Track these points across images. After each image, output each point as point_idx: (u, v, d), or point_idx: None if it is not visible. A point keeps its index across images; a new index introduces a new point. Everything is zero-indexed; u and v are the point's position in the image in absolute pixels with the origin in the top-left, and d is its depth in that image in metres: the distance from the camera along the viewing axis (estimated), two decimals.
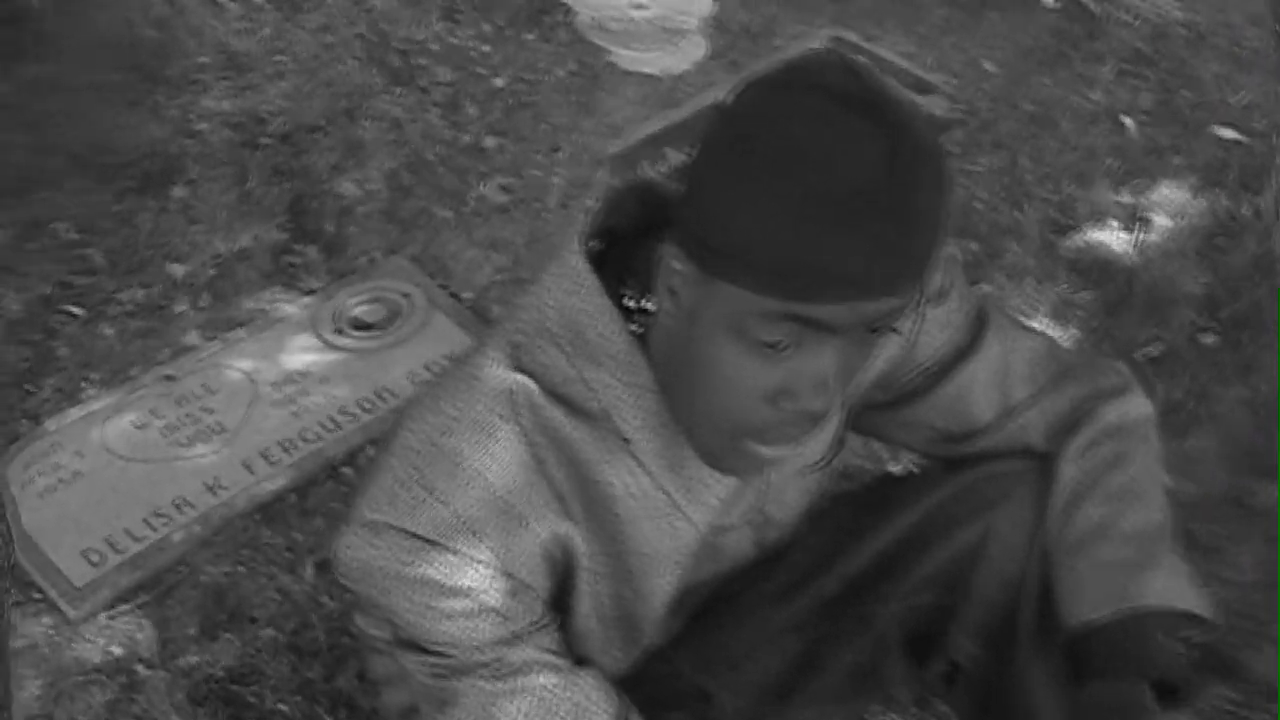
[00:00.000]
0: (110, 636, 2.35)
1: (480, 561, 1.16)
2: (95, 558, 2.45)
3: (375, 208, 3.24)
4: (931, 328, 1.31)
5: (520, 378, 1.07)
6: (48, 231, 3.05)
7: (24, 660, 2.25)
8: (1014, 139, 3.44)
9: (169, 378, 2.84)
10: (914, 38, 3.85)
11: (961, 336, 1.35)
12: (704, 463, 1.18)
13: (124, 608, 2.37)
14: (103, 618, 2.35)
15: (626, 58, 3.64)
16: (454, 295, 2.97)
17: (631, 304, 1.12)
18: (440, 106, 3.56)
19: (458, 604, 1.15)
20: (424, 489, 1.16)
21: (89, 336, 2.85)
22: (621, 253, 1.20)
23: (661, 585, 1.28)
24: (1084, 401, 1.35)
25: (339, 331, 2.92)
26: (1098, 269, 3.06)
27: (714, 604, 1.40)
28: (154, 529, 2.50)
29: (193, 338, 2.89)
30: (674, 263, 0.96)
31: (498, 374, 1.06)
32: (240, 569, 2.40)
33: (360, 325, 2.94)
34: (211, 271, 3.04)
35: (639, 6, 3.59)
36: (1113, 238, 3.18)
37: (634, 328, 1.07)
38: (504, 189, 3.29)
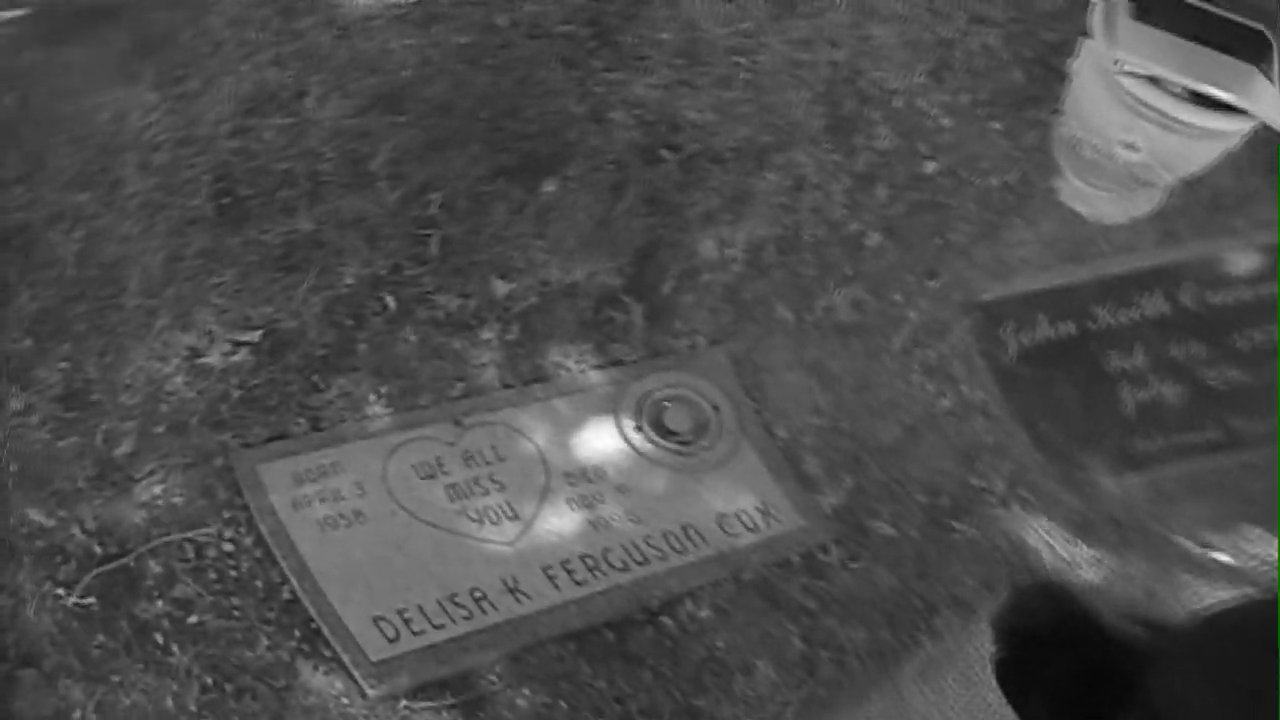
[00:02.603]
0: None
1: None
2: (390, 631, 2.64)
3: (721, 280, 3.33)
4: None
5: None
6: (421, 202, 3.25)
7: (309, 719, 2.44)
8: None
9: (458, 423, 2.99)
10: None
11: None
12: None
13: (427, 704, 2.55)
14: (402, 706, 2.53)
15: (1071, 188, 3.70)
16: (767, 427, 3.12)
17: None
18: (853, 178, 3.57)
19: None
20: None
21: (390, 338, 3.04)
22: (1041, 682, 1.16)
23: None
24: None
25: (640, 429, 3.07)
26: None
27: None
28: (451, 619, 2.69)
29: (490, 376, 3.06)
30: None
31: None
32: (561, 704, 2.57)
33: (664, 430, 3.07)
34: (533, 299, 3.17)
35: (1130, 147, 3.47)
36: None
37: None
38: (856, 306, 3.36)
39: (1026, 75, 3.77)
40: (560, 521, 2.85)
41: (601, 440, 3.01)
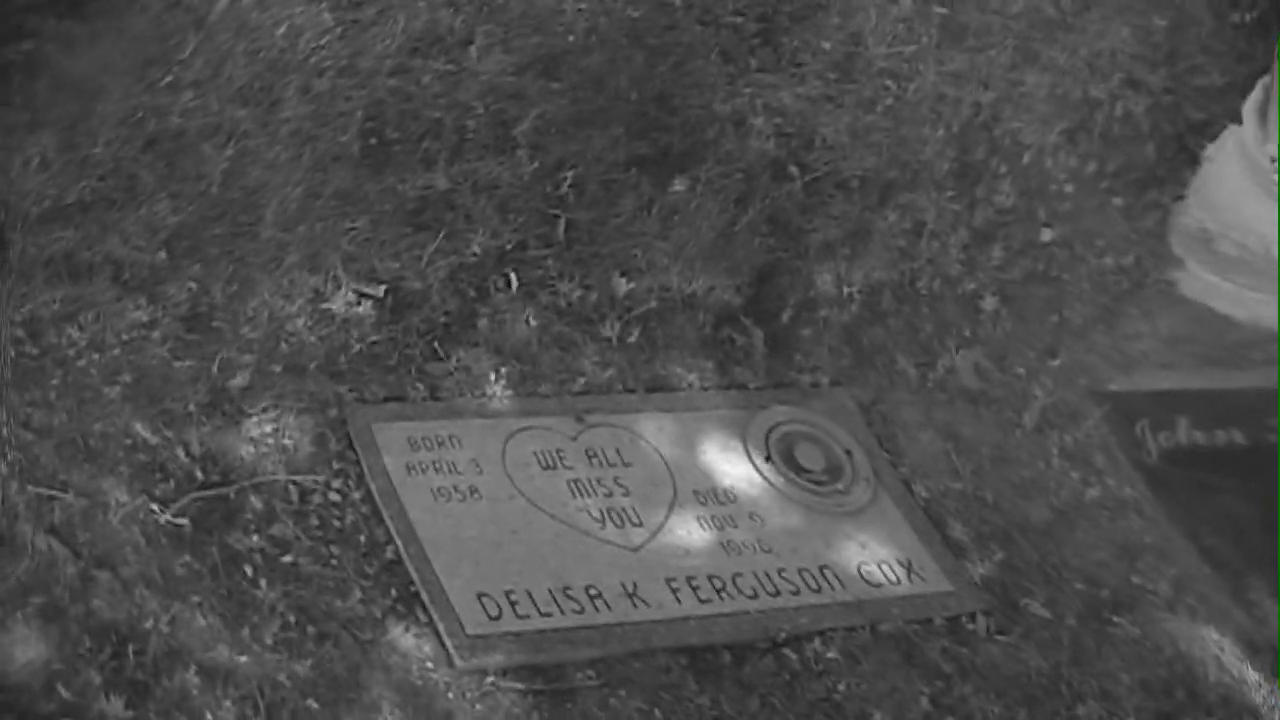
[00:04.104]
0: (490, 709, 2.35)
1: None
2: (493, 609, 2.49)
3: (839, 319, 3.21)
4: None
5: None
6: (555, 179, 3.11)
7: (387, 676, 2.31)
8: None
9: (580, 419, 2.87)
10: None
11: None
12: None
13: (514, 684, 2.39)
14: (488, 682, 2.37)
15: (1201, 283, 3.49)
16: (905, 482, 3.01)
17: None
18: (970, 231, 3.44)
19: None
20: None
21: (512, 318, 2.92)
22: None
23: None
24: None
25: (769, 460, 2.94)
26: None
27: None
28: (561, 609, 2.55)
29: (611, 376, 2.93)
30: None
31: None
32: (656, 713, 2.41)
33: (796, 465, 2.95)
34: (653, 304, 3.05)
35: None
36: None
37: None
38: (979, 372, 3.25)
39: (1159, 153, 3.63)
40: (688, 536, 2.71)
41: (731, 464, 2.88)
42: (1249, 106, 3.36)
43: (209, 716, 2.16)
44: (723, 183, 3.23)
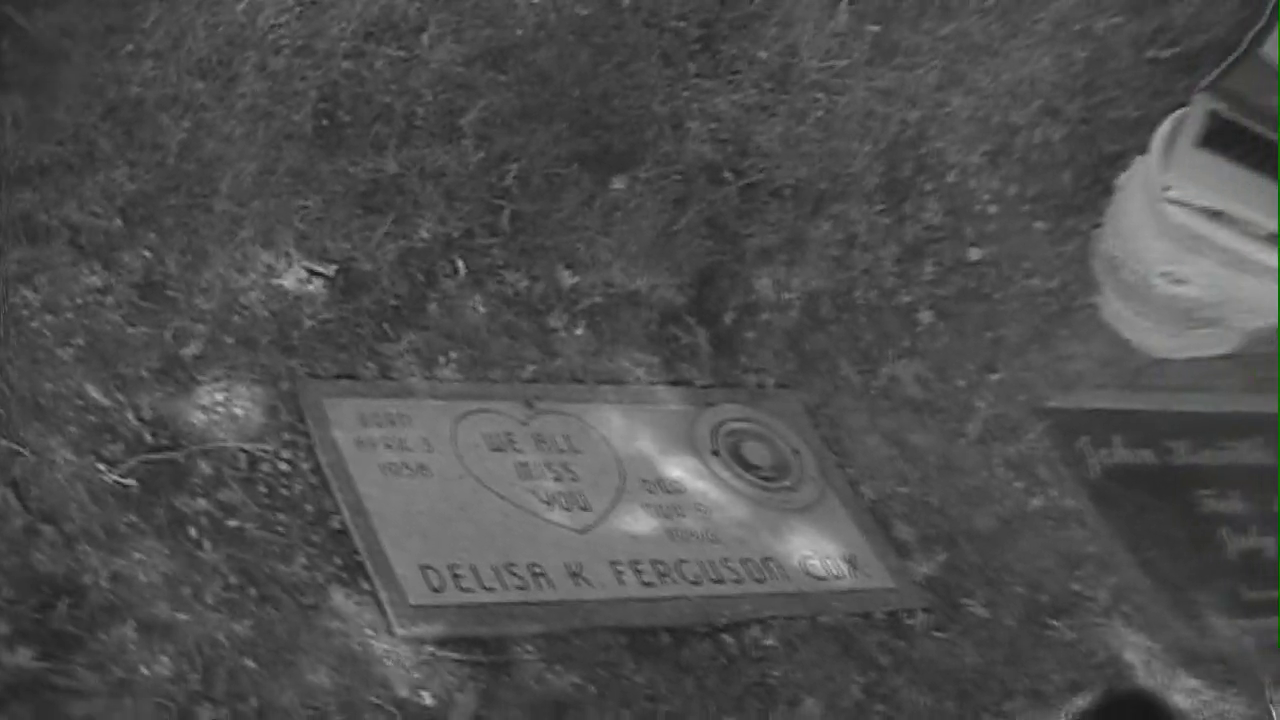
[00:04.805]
0: (427, 677, 2.37)
1: None
2: (436, 581, 2.51)
3: (781, 323, 3.28)
4: None
5: None
6: (499, 170, 3.15)
7: (327, 640, 2.33)
8: None
9: (529, 405, 2.90)
10: None
11: None
12: None
13: (453, 655, 2.41)
14: (427, 652, 2.40)
15: (1114, 311, 3.62)
16: (852, 483, 3.06)
17: None
18: (901, 246, 3.51)
19: None
20: None
21: (461, 304, 2.95)
22: None
23: None
24: None
25: (717, 454, 2.98)
26: None
27: None
28: (504, 585, 2.57)
29: (558, 365, 2.98)
30: None
31: None
32: (591, 689, 2.44)
33: (744, 462, 2.99)
34: (598, 299, 3.10)
35: (1174, 280, 3.36)
36: None
37: None
38: (921, 381, 3.32)
39: (1075, 182, 3.72)
40: (635, 523, 2.74)
41: (679, 457, 2.92)
42: (1157, 139, 3.44)
43: (145, 670, 2.15)
44: (661, 184, 3.27)
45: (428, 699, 2.32)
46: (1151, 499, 3.30)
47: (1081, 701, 1.13)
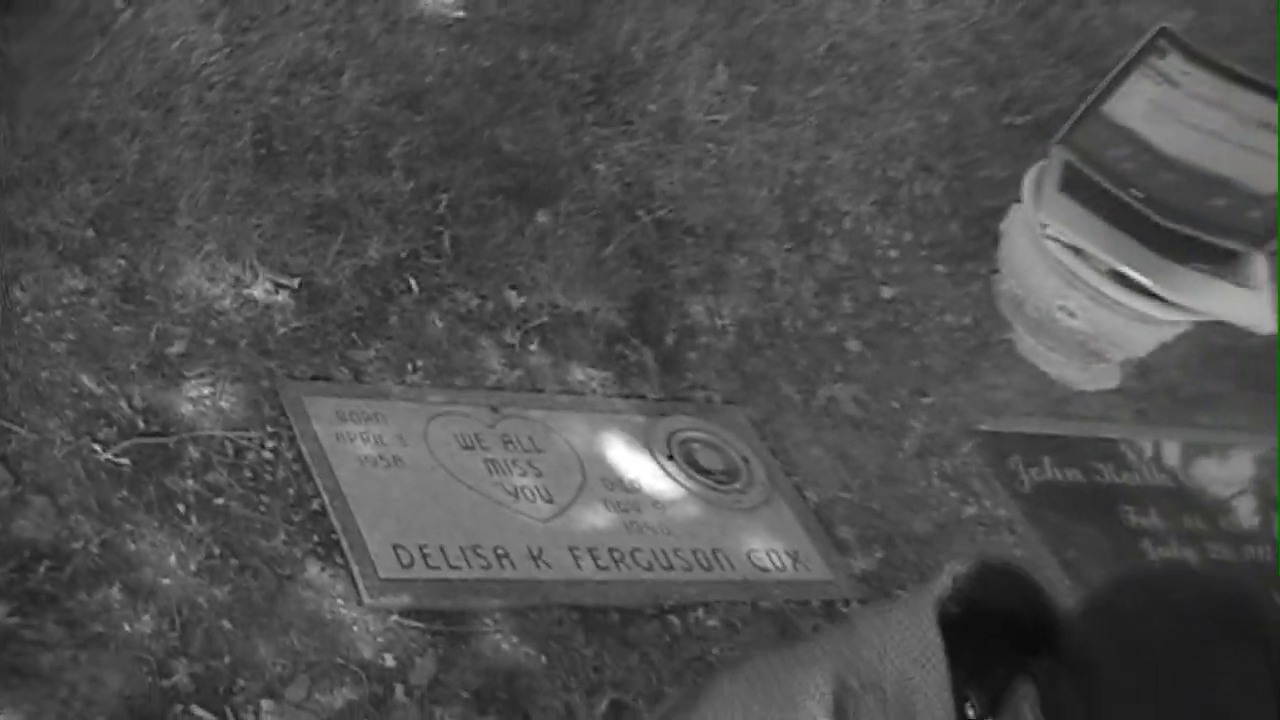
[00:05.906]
0: (391, 642, 2.55)
1: None
2: (405, 558, 2.69)
3: (720, 346, 3.48)
4: None
5: None
6: (432, 199, 3.36)
7: (300, 607, 2.49)
8: None
9: (494, 409, 3.09)
10: None
11: None
12: None
13: (416, 624, 2.59)
14: (392, 620, 2.57)
15: (1029, 346, 3.87)
16: (798, 488, 3.26)
17: (972, 715, 1.16)
18: (818, 282, 3.75)
19: None
20: None
21: (419, 319, 3.14)
22: (980, 637, 1.26)
23: None
24: None
25: (672, 459, 3.18)
26: None
27: None
28: (469, 564, 2.76)
29: (518, 376, 3.16)
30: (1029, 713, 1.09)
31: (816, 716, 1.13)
32: (542, 659, 2.62)
33: (698, 466, 3.18)
34: (545, 318, 3.28)
35: (1069, 313, 3.62)
36: None
37: None
38: (858, 402, 3.53)
39: (964, 231, 3.96)
40: (594, 516, 2.93)
41: (637, 459, 3.11)
42: (1027, 183, 3.68)
43: (127, 627, 2.33)
44: (581, 218, 3.47)
45: (390, 661, 2.49)
46: (1078, 512, 3.51)
47: (959, 567, 1.28)
